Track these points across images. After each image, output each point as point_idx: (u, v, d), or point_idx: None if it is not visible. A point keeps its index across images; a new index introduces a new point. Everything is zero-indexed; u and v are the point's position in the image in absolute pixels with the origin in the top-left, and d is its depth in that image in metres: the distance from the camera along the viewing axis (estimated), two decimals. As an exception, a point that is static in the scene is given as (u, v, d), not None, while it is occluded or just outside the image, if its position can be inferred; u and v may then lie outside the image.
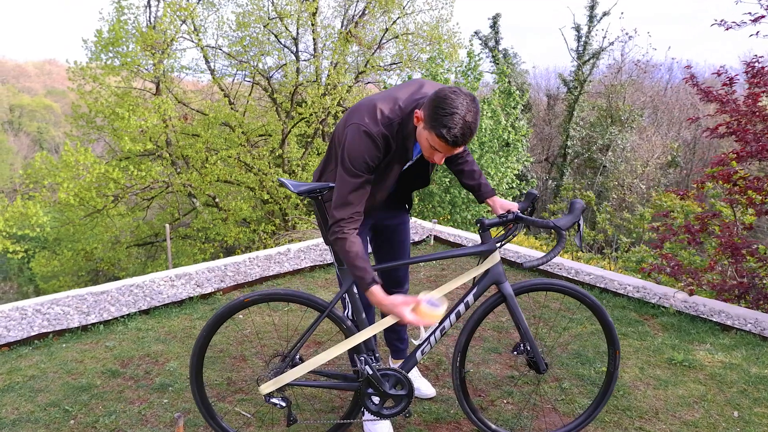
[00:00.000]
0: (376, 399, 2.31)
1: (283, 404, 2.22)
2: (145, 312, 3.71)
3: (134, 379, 2.89)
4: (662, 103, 22.46)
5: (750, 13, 4.90)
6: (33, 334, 3.33)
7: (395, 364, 2.87)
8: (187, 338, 3.35)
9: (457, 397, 2.26)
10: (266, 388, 2.18)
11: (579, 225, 2.11)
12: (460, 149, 1.94)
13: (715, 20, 5.13)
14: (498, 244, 2.22)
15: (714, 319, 3.57)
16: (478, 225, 2.20)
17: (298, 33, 15.40)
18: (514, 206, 2.30)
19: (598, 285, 4.18)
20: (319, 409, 2.63)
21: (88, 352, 3.19)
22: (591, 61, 19.63)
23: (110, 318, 3.56)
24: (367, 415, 2.49)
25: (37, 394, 2.76)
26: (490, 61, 19.75)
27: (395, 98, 2.06)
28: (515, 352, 2.30)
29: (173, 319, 3.62)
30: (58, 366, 3.02)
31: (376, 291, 2.02)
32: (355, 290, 2.21)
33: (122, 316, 3.61)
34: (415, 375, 2.79)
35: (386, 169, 2.13)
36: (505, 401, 2.71)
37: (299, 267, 4.55)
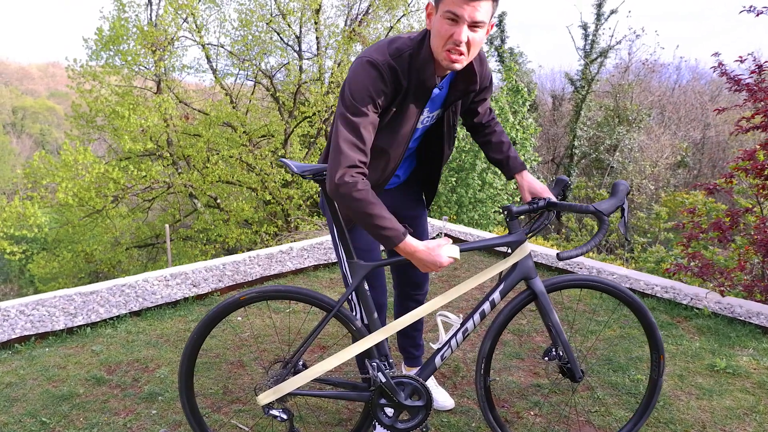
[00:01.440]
0: (389, 411, 2.03)
1: (284, 416, 1.95)
2: (137, 313, 3.44)
3: (121, 387, 2.62)
4: (670, 103, 22.15)
5: None
6: (14, 337, 3.06)
7: (408, 372, 2.61)
8: (181, 342, 3.08)
9: (482, 409, 1.98)
10: (265, 397, 1.92)
11: (623, 209, 1.83)
12: (485, 5, 1.61)
13: (744, 7, 4.81)
14: (528, 234, 1.95)
15: (753, 322, 3.28)
16: (505, 212, 1.93)
17: (301, 31, 15.17)
18: (545, 190, 2.02)
19: (623, 285, 3.89)
20: (325, 422, 2.36)
21: (72, 356, 2.92)
22: (598, 59, 19.33)
23: (98, 320, 3.30)
24: (379, 429, 2.23)
25: (13, 403, 2.49)
26: (496, 61, 19.49)
27: (404, 35, 1.79)
28: (546, 358, 2.03)
29: (166, 321, 3.35)
30: (38, 372, 2.76)
31: (411, 241, 1.73)
32: (366, 287, 1.94)
33: (111, 318, 3.34)
34: (431, 384, 2.52)
35: (401, 115, 1.81)
36: (532, 413, 2.43)
37: (302, 266, 4.28)
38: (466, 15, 1.60)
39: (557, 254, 1.83)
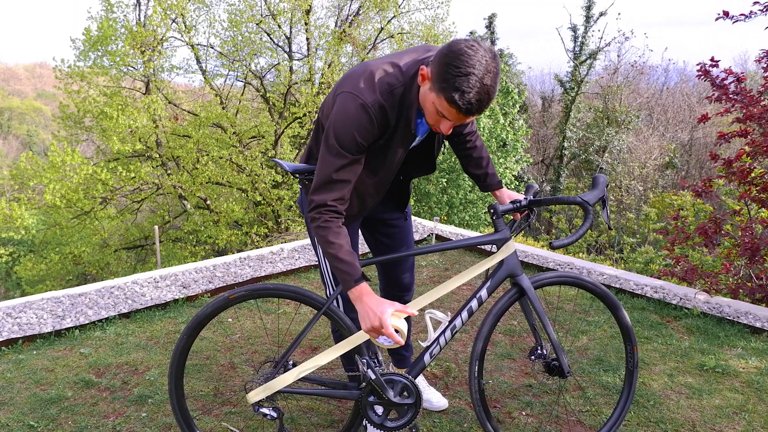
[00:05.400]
0: (379, 409, 2.04)
1: (274, 415, 1.95)
2: (126, 315, 3.41)
3: (110, 390, 2.60)
4: (658, 104, 22.34)
5: (759, 2, 4.63)
6: (0, 340, 3.02)
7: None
8: (171, 344, 3.06)
9: (477, 413, 1.98)
10: (255, 395, 1.91)
11: (604, 201, 1.89)
12: (472, 118, 1.61)
13: (719, 14, 4.83)
14: (513, 232, 1.98)
15: (742, 321, 3.31)
16: (491, 211, 1.95)
17: (291, 32, 15.14)
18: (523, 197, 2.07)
19: (613, 285, 3.91)
20: (317, 423, 2.35)
21: (60, 359, 2.89)
22: (588, 61, 19.47)
23: (87, 322, 3.26)
24: (370, 429, 2.22)
25: (0, 407, 2.45)
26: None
27: (395, 62, 1.71)
28: (533, 357, 2.04)
29: (156, 323, 3.32)
30: (26, 375, 2.72)
31: (365, 288, 1.72)
32: None
33: (100, 320, 3.31)
34: (423, 385, 2.52)
35: (385, 150, 1.77)
36: (524, 413, 2.43)
37: (293, 267, 4.27)
38: (457, 121, 1.60)
39: (550, 243, 1.85)
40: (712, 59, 4.94)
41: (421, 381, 2.54)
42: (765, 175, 4.45)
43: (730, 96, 4.66)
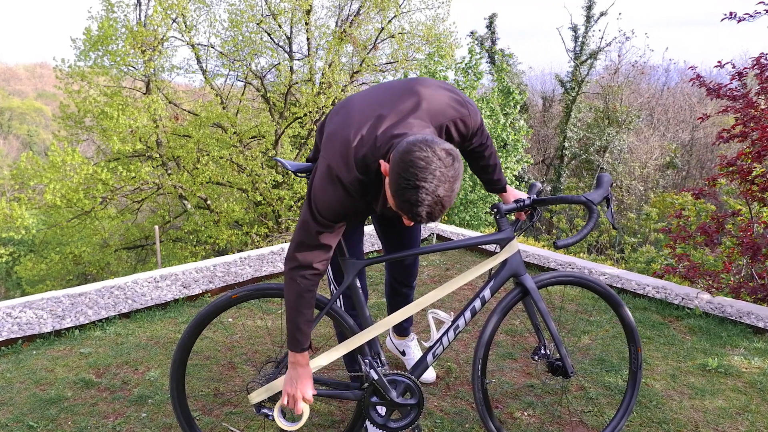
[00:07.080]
0: (381, 410, 2.03)
1: None
2: (126, 315, 3.39)
3: (110, 390, 2.58)
4: (659, 104, 22.31)
5: (765, 2, 4.63)
6: (0, 340, 3.01)
7: (397, 340, 2.69)
8: (171, 344, 3.04)
9: (479, 412, 1.97)
10: (257, 396, 1.91)
11: (608, 200, 1.88)
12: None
13: (725, 14, 4.85)
14: (517, 232, 1.97)
15: (744, 321, 3.30)
16: (494, 210, 1.94)
17: (291, 32, 15.14)
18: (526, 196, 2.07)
19: (614, 285, 3.90)
20: (318, 423, 2.34)
21: (60, 359, 2.88)
22: (588, 61, 19.45)
23: (87, 322, 3.25)
24: (370, 429, 2.21)
25: (0, 407, 2.44)
26: (486, 62, 19.53)
27: (373, 128, 1.62)
28: (536, 357, 2.03)
29: (156, 323, 3.31)
30: (25, 375, 2.71)
31: (306, 359, 1.82)
32: (358, 284, 1.94)
33: (100, 320, 3.29)
34: (413, 346, 2.64)
35: (377, 201, 1.74)
36: (525, 413, 2.42)
37: (294, 267, 4.25)
38: (409, 222, 1.54)
39: (554, 243, 1.84)
40: (718, 62, 4.93)
41: (413, 343, 2.65)
42: (766, 174, 4.44)
43: (733, 95, 4.66)
